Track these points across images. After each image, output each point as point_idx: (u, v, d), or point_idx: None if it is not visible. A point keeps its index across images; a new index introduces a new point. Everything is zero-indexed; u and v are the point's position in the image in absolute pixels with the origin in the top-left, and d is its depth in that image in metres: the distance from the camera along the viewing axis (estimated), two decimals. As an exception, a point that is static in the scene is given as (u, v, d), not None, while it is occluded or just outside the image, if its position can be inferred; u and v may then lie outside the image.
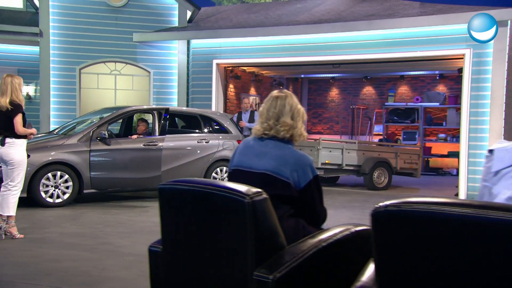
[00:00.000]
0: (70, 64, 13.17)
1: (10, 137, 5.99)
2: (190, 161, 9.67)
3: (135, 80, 13.71)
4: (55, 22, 13.04)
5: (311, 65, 13.33)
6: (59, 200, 8.49)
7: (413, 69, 15.24)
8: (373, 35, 11.31)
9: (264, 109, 2.91)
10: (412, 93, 17.90)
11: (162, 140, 9.41)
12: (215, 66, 12.88)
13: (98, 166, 8.79)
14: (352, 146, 11.94)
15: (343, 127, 18.86)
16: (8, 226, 6.01)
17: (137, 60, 13.49)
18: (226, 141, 10.15)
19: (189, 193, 2.11)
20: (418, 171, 12.61)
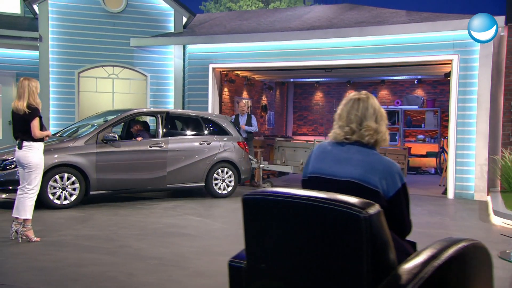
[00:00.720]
0: (69, 68, 12.68)
1: (27, 140, 5.60)
2: (193, 162, 9.34)
3: (132, 84, 13.30)
4: (54, 27, 12.54)
5: (303, 70, 13.07)
6: (67, 201, 8.07)
7: (400, 73, 15.09)
8: (364, 41, 11.10)
9: (343, 111, 2.56)
10: (392, 97, 17.86)
11: (166, 142, 9.06)
12: (211, 70, 12.54)
13: (105, 167, 8.40)
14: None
15: (327, 129, 18.63)
16: (25, 229, 5.61)
17: (134, 65, 13.08)
18: (227, 143, 9.84)
19: (286, 205, 1.79)
20: (404, 171, 12.46)
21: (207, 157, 9.52)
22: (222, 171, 9.71)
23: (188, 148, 9.34)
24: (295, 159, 11.73)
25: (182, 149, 9.25)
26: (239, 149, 9.98)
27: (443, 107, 16.87)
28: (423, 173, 16.48)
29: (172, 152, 9.06)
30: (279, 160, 12.17)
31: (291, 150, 11.91)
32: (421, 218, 7.96)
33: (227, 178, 9.77)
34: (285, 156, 12.00)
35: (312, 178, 2.45)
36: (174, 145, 9.16)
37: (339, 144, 2.51)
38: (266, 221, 1.85)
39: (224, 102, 13.33)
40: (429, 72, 13.63)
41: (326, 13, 13.74)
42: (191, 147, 9.38)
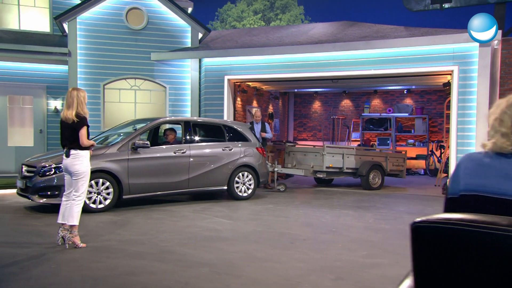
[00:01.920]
0: (95, 81, 12.15)
1: (74, 148, 5.10)
2: (216, 167, 8.85)
3: (153, 94, 12.78)
4: (82, 43, 12.01)
5: (310, 80, 12.63)
6: (101, 205, 7.55)
7: (400, 84, 14.64)
8: (369, 54, 10.69)
9: (505, 116, 1.80)
10: (383, 105, 17.51)
11: (189, 148, 8.56)
12: (227, 81, 12.06)
13: (136, 172, 7.88)
14: (351, 152, 11.29)
15: (325, 134, 18.30)
16: (72, 235, 5.10)
17: (154, 77, 12.58)
18: (247, 149, 9.36)
19: (480, 236, 1.30)
20: (403, 173, 12.05)
21: (230, 162, 9.03)
22: (242, 175, 9.22)
23: (212, 153, 8.85)
24: (306, 162, 11.27)
25: (205, 155, 8.76)
26: (258, 154, 9.51)
27: (430, 114, 16.56)
28: (413, 174, 16.11)
29: (195, 158, 8.56)
30: (289, 163, 11.71)
31: (302, 155, 11.45)
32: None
33: (247, 181, 9.29)
34: (295, 160, 11.54)
35: (469, 197, 1.79)
36: (197, 151, 8.67)
37: (503, 155, 1.78)
38: (449, 256, 1.35)
39: (237, 111, 12.84)
40: (427, 82, 13.20)
41: (329, 29, 13.30)
42: (214, 153, 8.89)
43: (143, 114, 12.55)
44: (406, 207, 8.50)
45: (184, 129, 8.73)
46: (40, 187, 7.29)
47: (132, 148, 7.90)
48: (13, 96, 12.52)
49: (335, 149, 11.19)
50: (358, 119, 17.44)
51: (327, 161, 10.80)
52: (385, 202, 9.06)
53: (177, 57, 12.39)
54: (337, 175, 11.28)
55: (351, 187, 11.76)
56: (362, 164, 11.22)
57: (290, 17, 25.37)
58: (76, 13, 11.90)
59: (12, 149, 12.62)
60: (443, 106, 16.76)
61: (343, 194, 10.31)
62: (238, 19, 24.05)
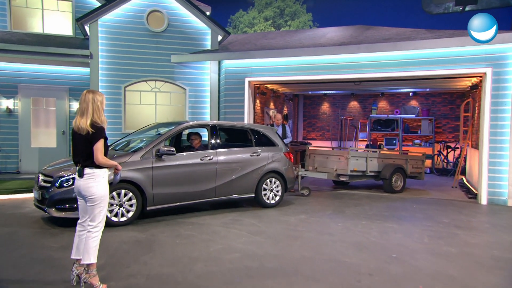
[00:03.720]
0: (116, 83, 10.53)
1: (90, 166, 3.49)
2: (244, 174, 7.25)
3: (173, 96, 11.17)
4: (103, 45, 10.38)
5: (332, 83, 11.00)
6: (124, 218, 5.97)
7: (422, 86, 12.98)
8: (396, 56, 9.08)
9: None
10: (390, 107, 15.95)
11: (216, 154, 6.97)
12: (247, 83, 10.44)
13: (161, 182, 6.30)
14: (374, 155, 9.70)
15: (333, 134, 16.75)
16: (89, 276, 3.52)
17: (175, 79, 10.96)
18: (275, 154, 7.76)
19: None
20: (422, 174, 10.46)
21: (257, 168, 7.44)
22: (270, 181, 7.64)
23: (240, 159, 7.26)
24: (328, 165, 9.69)
25: (234, 161, 7.16)
26: (285, 159, 7.92)
27: (435, 116, 14.96)
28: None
29: (222, 164, 6.97)
30: (310, 166, 10.14)
31: (323, 157, 9.86)
32: (496, 234, 5.91)
33: (274, 188, 7.70)
34: (317, 163, 9.96)
35: None
36: (224, 157, 7.08)
37: None
38: None
39: (256, 113, 11.23)
40: (450, 85, 11.50)
41: (346, 32, 11.67)
42: (242, 159, 7.29)
43: (163, 116, 10.95)
44: (448, 218, 6.92)
45: (210, 134, 7.14)
46: (57, 199, 5.71)
47: (157, 156, 6.31)
48: (36, 98, 10.97)
49: (359, 152, 9.59)
50: (365, 120, 15.96)
51: (351, 165, 9.23)
52: (421, 211, 7.48)
53: (197, 59, 10.77)
54: (360, 178, 9.70)
55: (370, 189, 10.20)
56: (384, 167, 9.67)
57: (299, 24, 23.65)
58: (97, 16, 10.26)
59: (36, 150, 11.07)
60: (447, 108, 15.21)
61: (369, 199, 8.74)
62: (250, 25, 22.36)
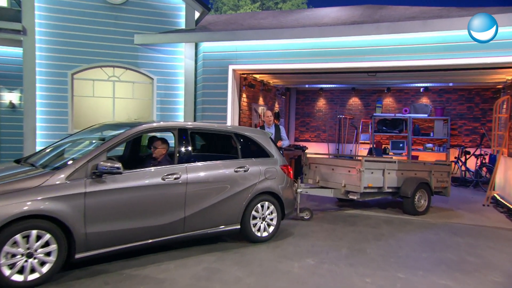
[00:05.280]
0: (60, 68, 8.38)
1: None
2: (226, 197, 5.24)
3: (136, 87, 9.09)
4: (42, 18, 8.19)
5: (339, 73, 9.03)
6: (34, 275, 3.91)
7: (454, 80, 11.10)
8: (424, 39, 7.18)
9: None
10: (397, 105, 14.20)
11: (186, 170, 4.92)
12: (231, 72, 8.45)
13: (99, 215, 4.24)
14: (392, 166, 7.80)
15: (330, 135, 14.94)
16: None
17: (139, 65, 8.88)
18: (269, 168, 5.76)
19: None
20: (448, 189, 8.63)
21: (245, 188, 5.43)
22: (262, 206, 5.64)
23: (220, 177, 5.23)
24: (334, 179, 7.75)
25: (212, 180, 5.14)
26: (283, 176, 5.93)
27: (450, 115, 13.20)
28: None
29: (194, 185, 4.94)
30: (311, 179, 8.20)
31: (328, 169, 7.91)
32: None
33: (268, 215, 5.71)
34: (319, 175, 8.02)
35: None
36: (201, 174, 5.05)
37: None
38: None
39: (242, 110, 9.24)
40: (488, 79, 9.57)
41: (354, 12, 9.73)
42: (223, 176, 5.26)
43: (123, 112, 8.87)
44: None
45: (178, 141, 5.09)
46: None
47: (94, 175, 4.25)
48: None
49: (375, 163, 7.66)
50: (368, 119, 14.16)
51: (365, 180, 7.31)
52: (470, 249, 5.58)
53: (167, 40, 8.72)
54: (373, 196, 7.81)
55: (385, 208, 8.33)
56: (405, 182, 7.80)
57: (292, 7, 21.52)
58: (35, -21, 8.07)
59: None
60: (464, 107, 13.47)
61: (390, 225, 6.83)
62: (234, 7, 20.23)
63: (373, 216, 7.51)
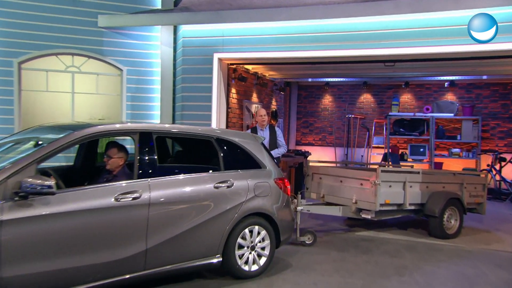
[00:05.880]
0: (4, 56, 7.67)
1: None
2: (203, 222, 4.49)
3: (102, 80, 8.48)
4: (-19, -7, 7.47)
5: (349, 63, 8.30)
6: None
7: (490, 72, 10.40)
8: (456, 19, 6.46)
9: None
10: (416, 102, 13.67)
11: (149, 187, 4.16)
12: (217, 62, 7.79)
13: (23, 252, 3.48)
14: (415, 178, 7.07)
15: (337, 138, 14.33)
16: None
17: (104, 53, 8.24)
18: (259, 182, 5.02)
19: None
20: (483, 206, 7.90)
21: (228, 210, 4.68)
22: (251, 232, 4.90)
23: (195, 196, 4.48)
24: (342, 194, 7.02)
25: (184, 199, 4.39)
26: (278, 192, 5.19)
27: (481, 115, 12.51)
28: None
29: (159, 207, 4.18)
30: (314, 192, 7.49)
31: (335, 181, 7.19)
32: None
33: (258, 243, 4.96)
34: (324, 189, 7.29)
35: None
36: (169, 192, 4.29)
37: None
38: None
39: (231, 108, 8.52)
40: None
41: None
42: (199, 194, 4.52)
43: (85, 110, 8.22)
44: None
45: (141, 148, 4.33)
46: None
47: (16, 196, 3.48)
48: None
49: (393, 175, 6.92)
50: (382, 119, 13.58)
51: (382, 195, 6.58)
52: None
53: (139, 23, 8.03)
54: (392, 215, 7.10)
55: (405, 228, 7.64)
56: (431, 197, 7.11)
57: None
58: None
59: None
60: (497, 105, 12.81)
61: (413, 253, 6.09)
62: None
63: (392, 240, 6.79)
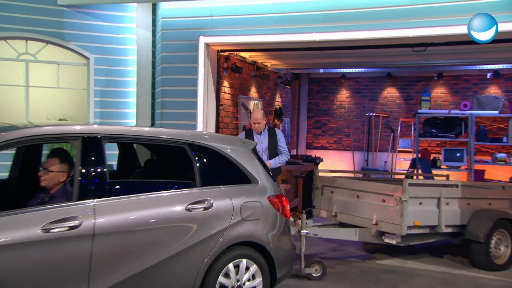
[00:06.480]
0: None
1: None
2: (171, 256, 3.84)
3: (64, 71, 8.01)
4: None
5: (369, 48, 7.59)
6: None
7: None
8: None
9: None
10: (452, 97, 13.22)
11: (94, 211, 3.52)
12: (204, 47, 7.30)
13: None
14: (453, 193, 6.35)
15: (355, 141, 13.89)
16: None
17: (66, 38, 7.84)
18: (248, 202, 4.35)
19: None
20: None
21: (205, 239, 4.01)
22: (236, 267, 4.22)
23: (157, 222, 3.82)
24: (360, 212, 6.36)
25: (141, 227, 3.71)
26: (274, 214, 4.50)
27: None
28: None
29: (110, 239, 3.53)
30: (324, 209, 6.86)
31: (351, 195, 6.51)
32: None
33: (247, 282, 4.28)
34: (337, 205, 6.60)
35: None
36: (119, 218, 3.62)
37: None
38: None
39: (223, 105, 7.88)
40: None
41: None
42: (164, 220, 3.86)
43: (43, 108, 7.76)
44: None
45: (83, 159, 3.63)
46: None
47: None
48: None
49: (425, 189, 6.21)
50: (410, 118, 13.09)
51: (410, 215, 5.86)
52: None
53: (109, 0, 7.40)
54: (423, 239, 6.46)
55: (440, 256, 7.01)
56: (474, 217, 6.53)
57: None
58: None
59: None
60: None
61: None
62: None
63: (423, 272, 6.16)
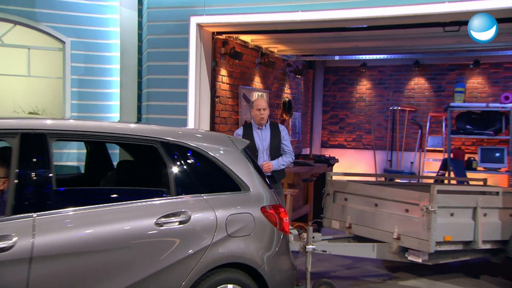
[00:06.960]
0: None
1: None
2: (131, 284, 3.42)
3: (36, 57, 7.82)
4: None
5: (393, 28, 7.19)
6: None
7: None
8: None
9: None
10: (490, 88, 12.96)
11: (34, 227, 3.15)
12: (196, 29, 7.05)
13: None
14: (491, 201, 5.96)
15: (377, 138, 13.63)
16: None
17: (38, 18, 7.60)
18: (236, 214, 3.95)
19: None
20: None
21: (180, 261, 3.64)
22: (223, 293, 3.83)
23: (114, 241, 3.42)
24: (379, 224, 5.97)
25: (91, 249, 3.32)
26: (268, 228, 4.12)
27: None
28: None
29: (51, 264, 3.16)
30: (337, 219, 6.48)
31: (368, 204, 6.14)
32: None
33: (239, 314, 3.91)
34: (351, 215, 6.20)
35: None
36: (63, 236, 3.27)
37: None
38: None
39: (220, 97, 7.58)
40: None
41: None
42: (123, 238, 3.45)
43: (11, 100, 7.96)
44: None
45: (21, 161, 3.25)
46: None
47: None
48: None
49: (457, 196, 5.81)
50: (440, 112, 12.88)
51: (440, 228, 5.45)
52: None
53: (86, -26, 7.12)
54: (454, 257, 6.08)
55: (477, 277, 6.73)
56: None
57: None
58: None
59: None
60: None
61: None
62: None
63: None
